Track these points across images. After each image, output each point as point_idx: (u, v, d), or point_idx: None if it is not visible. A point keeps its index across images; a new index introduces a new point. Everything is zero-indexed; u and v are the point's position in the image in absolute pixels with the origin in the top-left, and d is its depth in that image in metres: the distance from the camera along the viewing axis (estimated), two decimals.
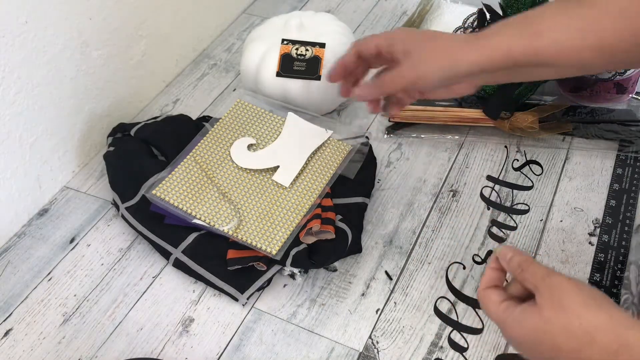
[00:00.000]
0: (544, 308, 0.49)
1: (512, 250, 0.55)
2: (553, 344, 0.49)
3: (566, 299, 0.49)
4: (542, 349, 0.50)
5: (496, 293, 0.54)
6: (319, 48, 0.87)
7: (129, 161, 0.82)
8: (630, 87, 0.90)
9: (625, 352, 0.46)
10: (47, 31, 0.77)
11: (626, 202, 0.78)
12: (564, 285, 0.50)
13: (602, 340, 0.47)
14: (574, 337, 0.48)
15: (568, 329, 0.48)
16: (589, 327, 0.47)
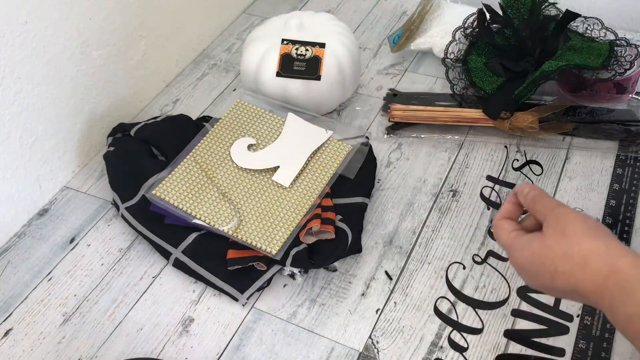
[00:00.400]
0: (547, 235, 0.53)
1: (530, 186, 0.58)
2: (552, 268, 0.52)
3: (569, 227, 0.52)
4: (542, 273, 0.53)
5: (509, 223, 0.58)
6: (319, 48, 0.87)
7: (129, 161, 0.82)
8: (630, 87, 0.89)
9: (614, 276, 0.49)
10: (47, 31, 0.77)
11: (626, 202, 0.78)
12: (570, 215, 0.53)
13: (595, 265, 0.50)
14: (570, 261, 0.51)
15: (567, 254, 0.51)
16: (585, 253, 0.50)
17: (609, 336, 0.66)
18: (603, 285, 0.50)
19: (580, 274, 0.51)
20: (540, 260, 0.53)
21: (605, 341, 0.65)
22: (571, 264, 0.51)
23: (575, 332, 0.66)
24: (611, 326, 0.66)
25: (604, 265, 0.50)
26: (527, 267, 0.55)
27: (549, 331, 0.67)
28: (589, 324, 0.67)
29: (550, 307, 0.69)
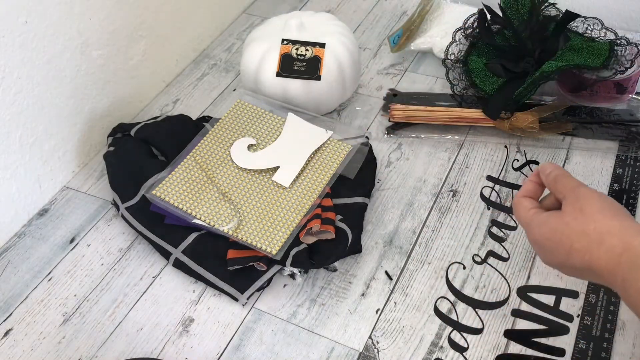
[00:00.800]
0: (566, 213, 0.54)
1: (553, 165, 0.59)
2: (568, 245, 0.53)
3: (587, 206, 0.54)
4: (558, 249, 0.54)
5: (529, 201, 0.59)
6: (319, 48, 0.87)
7: (129, 161, 0.82)
8: (630, 87, 0.89)
9: (628, 253, 0.50)
10: (47, 31, 0.77)
11: (626, 202, 0.78)
12: (589, 195, 0.55)
13: (610, 242, 0.51)
14: (586, 238, 0.52)
15: (584, 232, 0.53)
16: (601, 230, 0.52)
17: (609, 336, 0.66)
18: (617, 262, 0.50)
19: (595, 251, 0.52)
20: (557, 237, 0.54)
21: (605, 341, 0.65)
22: (587, 240, 0.52)
23: (575, 332, 0.66)
24: (611, 326, 0.66)
25: (618, 242, 0.51)
26: (544, 243, 0.56)
27: (549, 331, 0.67)
28: (589, 324, 0.67)
29: (550, 307, 0.69)
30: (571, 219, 0.54)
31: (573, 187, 0.56)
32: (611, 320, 0.67)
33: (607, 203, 0.54)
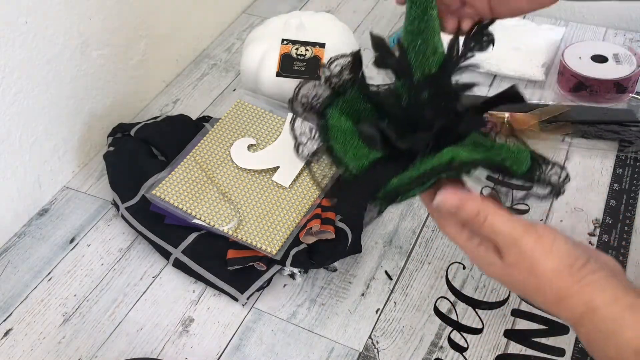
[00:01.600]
0: (512, 269, 0.46)
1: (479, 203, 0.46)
2: (524, 295, 0.48)
3: (537, 266, 0.45)
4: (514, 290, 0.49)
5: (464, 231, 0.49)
6: (319, 48, 0.87)
7: (129, 161, 0.82)
8: (630, 87, 0.90)
9: (590, 316, 0.44)
10: (47, 31, 0.77)
11: (626, 202, 0.78)
12: (536, 252, 0.45)
13: (570, 303, 0.45)
14: (542, 296, 0.46)
15: (538, 290, 0.46)
16: (558, 292, 0.45)
17: None
18: (579, 322, 0.45)
19: (554, 309, 0.46)
20: (509, 285, 0.48)
21: None
22: (544, 299, 0.46)
23: None
24: None
25: (578, 303, 0.44)
26: (499, 280, 0.49)
27: (549, 331, 0.67)
28: None
29: None
30: (521, 278, 0.46)
31: (514, 240, 0.45)
32: None
33: (559, 256, 0.45)
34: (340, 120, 0.59)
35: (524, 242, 0.45)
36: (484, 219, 0.46)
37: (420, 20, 0.60)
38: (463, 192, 0.47)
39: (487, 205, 0.46)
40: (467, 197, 0.47)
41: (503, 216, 0.46)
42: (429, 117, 0.57)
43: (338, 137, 0.58)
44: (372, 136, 0.56)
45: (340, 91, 0.60)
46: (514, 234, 0.46)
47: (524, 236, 0.45)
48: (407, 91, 0.59)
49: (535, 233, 0.46)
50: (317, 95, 0.60)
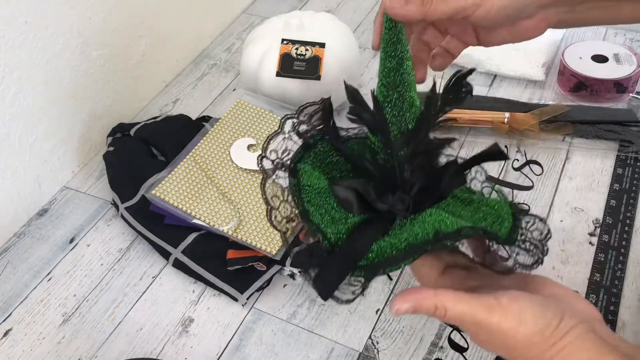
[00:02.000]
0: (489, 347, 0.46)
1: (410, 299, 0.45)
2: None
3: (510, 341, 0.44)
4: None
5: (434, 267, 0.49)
6: (319, 48, 0.87)
7: (129, 161, 0.82)
8: (630, 87, 0.90)
9: None
10: (47, 31, 0.77)
11: (626, 202, 0.78)
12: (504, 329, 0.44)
13: None
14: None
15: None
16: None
17: None
18: None
19: None
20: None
21: None
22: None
23: None
24: (611, 326, 0.66)
25: None
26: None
27: None
28: None
29: None
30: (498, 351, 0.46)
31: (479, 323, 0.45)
32: (611, 320, 0.67)
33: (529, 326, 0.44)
34: (313, 177, 0.53)
35: (489, 322, 0.44)
36: (444, 311, 0.45)
37: (395, 72, 0.57)
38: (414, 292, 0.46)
39: (442, 297, 0.45)
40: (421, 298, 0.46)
41: (462, 301, 0.45)
42: (407, 177, 0.54)
43: (312, 198, 0.53)
44: (348, 200, 0.52)
45: (311, 143, 0.55)
46: (478, 316, 0.44)
47: (489, 316, 0.44)
48: (383, 148, 0.55)
49: (499, 309, 0.44)
50: (287, 150, 0.54)
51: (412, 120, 0.56)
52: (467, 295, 0.45)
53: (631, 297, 0.69)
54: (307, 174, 0.53)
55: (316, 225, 0.51)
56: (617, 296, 0.69)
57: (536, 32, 0.55)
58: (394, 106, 0.56)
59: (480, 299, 0.45)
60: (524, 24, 0.54)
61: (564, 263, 0.73)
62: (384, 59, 0.56)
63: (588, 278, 0.71)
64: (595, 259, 0.73)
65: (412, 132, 0.55)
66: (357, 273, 0.49)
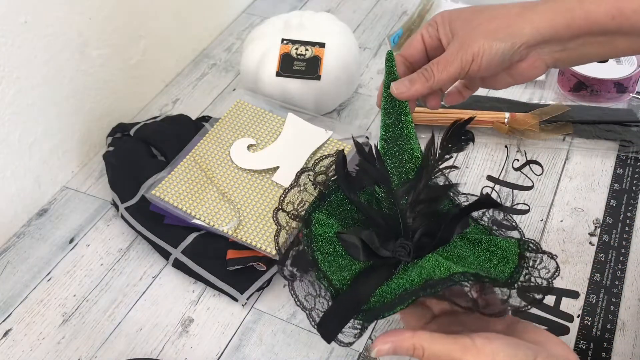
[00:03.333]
0: None
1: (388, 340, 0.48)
2: None
3: None
4: None
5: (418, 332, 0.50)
6: (319, 48, 0.87)
7: (129, 161, 0.82)
8: (630, 87, 0.90)
9: None
10: (47, 31, 0.77)
11: (626, 202, 0.78)
12: None
13: None
14: None
15: None
16: None
17: (609, 336, 0.66)
18: None
19: None
20: None
21: (605, 341, 0.65)
22: None
23: (575, 332, 0.66)
24: (611, 326, 0.66)
25: None
26: None
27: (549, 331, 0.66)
28: (589, 324, 0.67)
29: (551, 307, 0.69)
30: None
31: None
32: (611, 320, 0.67)
33: None
34: (326, 225, 0.59)
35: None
36: (421, 351, 0.48)
37: (394, 127, 0.62)
38: (394, 334, 0.49)
39: (420, 337, 0.48)
40: (400, 339, 0.48)
41: (439, 342, 0.47)
42: (410, 224, 0.59)
43: (322, 246, 0.57)
44: (355, 247, 0.57)
45: (326, 193, 0.61)
46: (453, 355, 0.47)
47: (462, 355, 0.47)
48: (386, 198, 0.59)
49: (473, 349, 0.47)
50: (302, 201, 0.61)
51: (412, 170, 0.61)
52: (444, 336, 0.48)
53: (631, 297, 0.69)
54: (319, 223, 0.58)
55: (323, 273, 0.55)
56: (617, 296, 0.69)
57: (535, 71, 0.56)
58: (394, 158, 0.62)
59: (456, 340, 0.47)
60: (520, 66, 0.56)
61: (564, 263, 0.73)
62: (384, 116, 0.61)
63: (588, 278, 0.71)
64: (595, 259, 0.73)
65: (412, 181, 0.60)
66: (359, 317, 0.52)
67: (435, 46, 0.58)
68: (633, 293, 0.70)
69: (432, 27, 0.57)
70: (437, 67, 0.55)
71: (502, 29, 0.53)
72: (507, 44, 0.53)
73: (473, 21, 0.54)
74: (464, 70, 0.54)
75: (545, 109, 0.87)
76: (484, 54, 0.53)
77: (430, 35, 0.58)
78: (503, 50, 0.53)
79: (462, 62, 0.54)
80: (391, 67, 0.60)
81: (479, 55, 0.53)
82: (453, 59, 0.54)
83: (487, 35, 0.53)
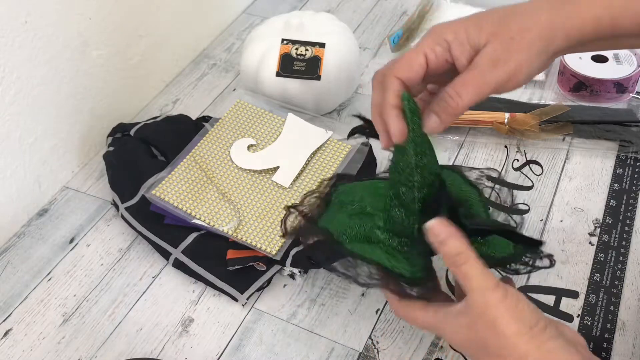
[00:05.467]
0: (476, 326, 0.48)
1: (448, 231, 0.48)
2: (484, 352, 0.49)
3: (501, 324, 0.47)
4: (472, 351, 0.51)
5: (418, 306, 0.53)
6: (319, 48, 0.87)
7: (129, 161, 0.82)
8: (630, 87, 0.90)
9: None
10: (47, 31, 0.77)
11: (626, 202, 0.78)
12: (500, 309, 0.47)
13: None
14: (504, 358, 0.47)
15: (500, 355, 0.47)
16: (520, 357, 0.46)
17: (609, 336, 0.66)
18: None
19: None
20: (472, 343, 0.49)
21: (605, 341, 0.65)
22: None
23: None
24: (611, 326, 0.66)
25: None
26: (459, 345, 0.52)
27: None
28: (589, 324, 0.67)
29: (551, 307, 0.69)
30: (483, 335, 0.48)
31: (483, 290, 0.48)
32: (611, 320, 0.67)
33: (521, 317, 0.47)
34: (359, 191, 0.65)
35: (492, 295, 0.47)
36: (462, 261, 0.48)
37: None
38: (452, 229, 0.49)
39: (469, 251, 0.48)
40: (454, 235, 0.48)
41: (479, 267, 0.48)
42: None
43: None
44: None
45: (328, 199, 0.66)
46: (485, 284, 0.48)
47: (494, 290, 0.48)
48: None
49: (503, 290, 0.48)
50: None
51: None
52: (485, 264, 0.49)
53: (631, 297, 0.69)
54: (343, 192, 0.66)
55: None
56: (617, 296, 0.69)
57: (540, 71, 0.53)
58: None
59: (492, 275, 0.48)
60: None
61: (564, 263, 0.73)
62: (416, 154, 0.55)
63: (588, 278, 0.71)
64: (595, 259, 0.73)
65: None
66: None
67: (440, 69, 0.51)
68: (633, 293, 0.70)
69: (440, 46, 0.50)
70: (472, 89, 0.48)
71: (537, 40, 0.48)
72: (543, 55, 0.49)
73: (503, 34, 0.48)
74: (497, 91, 0.49)
75: (545, 109, 0.87)
76: (521, 71, 0.48)
77: (437, 55, 0.50)
78: (539, 63, 0.49)
79: (498, 81, 0.48)
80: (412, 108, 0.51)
81: (518, 72, 0.48)
82: (488, 78, 0.48)
83: (522, 49, 0.48)
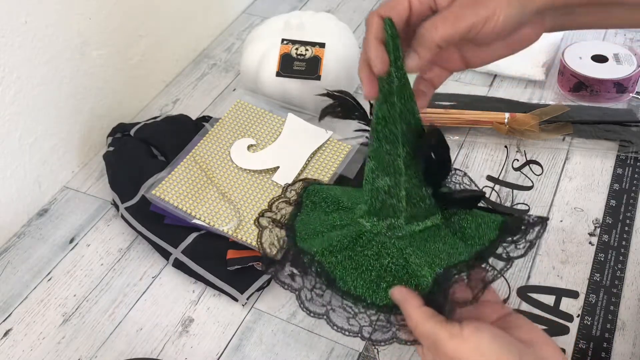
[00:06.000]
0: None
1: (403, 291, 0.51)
2: None
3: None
4: None
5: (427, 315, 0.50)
6: (319, 48, 0.87)
7: (129, 161, 0.82)
8: (630, 87, 0.90)
9: None
10: (47, 31, 0.77)
11: (626, 202, 0.78)
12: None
13: None
14: None
15: None
16: None
17: (609, 336, 0.66)
18: None
19: None
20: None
21: (605, 341, 0.65)
22: None
23: (575, 332, 0.66)
24: (611, 326, 0.66)
25: None
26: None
27: (549, 331, 0.67)
28: (589, 324, 0.67)
29: (550, 307, 0.69)
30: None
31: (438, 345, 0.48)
32: (611, 320, 0.67)
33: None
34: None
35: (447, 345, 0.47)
36: (415, 325, 0.50)
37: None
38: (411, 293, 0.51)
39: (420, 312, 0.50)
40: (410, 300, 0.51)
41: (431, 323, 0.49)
42: None
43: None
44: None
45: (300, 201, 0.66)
46: (440, 338, 0.48)
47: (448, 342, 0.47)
48: None
49: (459, 338, 0.47)
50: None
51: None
52: (437, 318, 0.49)
53: (631, 297, 0.69)
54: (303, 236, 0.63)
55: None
56: (617, 296, 0.69)
57: (533, 38, 0.53)
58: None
59: (445, 325, 0.48)
60: (522, 32, 0.52)
61: (563, 263, 0.73)
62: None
63: (588, 278, 0.71)
64: (595, 259, 0.73)
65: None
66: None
67: (424, 14, 0.50)
68: (633, 293, 0.70)
69: None
70: (442, 22, 0.47)
71: None
72: (522, 7, 0.48)
73: None
74: (476, 29, 0.48)
75: (545, 109, 0.87)
76: (501, 15, 0.47)
77: (421, 1, 0.49)
78: (517, 13, 0.48)
79: (476, 18, 0.47)
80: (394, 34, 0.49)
81: (495, 15, 0.47)
82: (464, 13, 0.47)
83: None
